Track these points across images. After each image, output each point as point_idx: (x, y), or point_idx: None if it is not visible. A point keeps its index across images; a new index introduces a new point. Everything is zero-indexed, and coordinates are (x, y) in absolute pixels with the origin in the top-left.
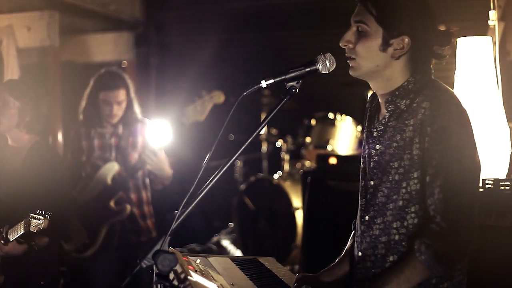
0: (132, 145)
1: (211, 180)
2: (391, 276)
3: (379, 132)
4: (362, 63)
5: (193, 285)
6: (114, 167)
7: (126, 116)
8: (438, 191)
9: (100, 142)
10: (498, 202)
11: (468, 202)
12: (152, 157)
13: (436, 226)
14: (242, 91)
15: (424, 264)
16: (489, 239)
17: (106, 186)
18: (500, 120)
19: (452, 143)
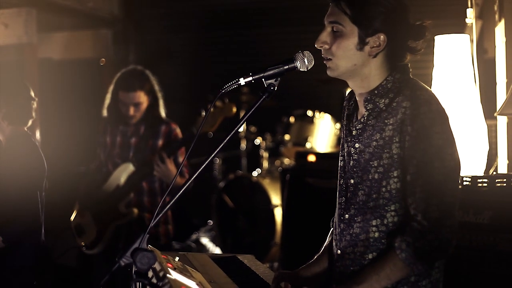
0: (152, 147)
1: (190, 178)
2: (371, 273)
3: (358, 131)
4: (339, 63)
5: (172, 283)
6: (129, 167)
7: (148, 117)
8: (420, 190)
9: (121, 140)
10: (476, 199)
11: (449, 201)
12: (159, 163)
13: (417, 225)
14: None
15: (405, 262)
16: (467, 235)
17: (119, 186)
18: (477, 118)
19: (433, 143)
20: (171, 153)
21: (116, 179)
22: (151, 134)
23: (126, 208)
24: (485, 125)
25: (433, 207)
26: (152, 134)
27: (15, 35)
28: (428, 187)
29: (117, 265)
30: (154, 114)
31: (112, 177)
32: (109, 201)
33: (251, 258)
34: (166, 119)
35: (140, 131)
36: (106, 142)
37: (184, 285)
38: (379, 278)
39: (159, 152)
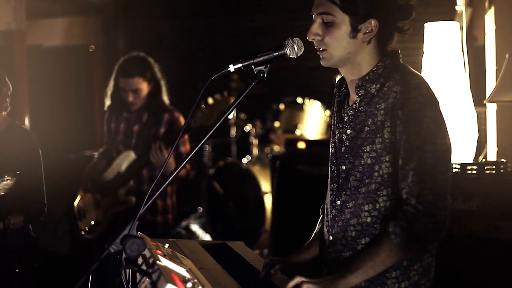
0: (154, 135)
1: (180, 165)
2: (365, 259)
3: (350, 117)
4: (333, 52)
5: (162, 269)
6: (130, 155)
7: (151, 104)
8: (412, 174)
9: (125, 127)
10: (465, 186)
11: (442, 184)
12: (157, 151)
13: (411, 208)
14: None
15: (400, 247)
16: (456, 222)
17: (119, 173)
18: (467, 105)
19: (424, 127)
20: (168, 144)
21: (118, 166)
22: (153, 122)
23: (125, 195)
24: (475, 113)
25: (427, 191)
26: (155, 122)
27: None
28: (420, 170)
29: (106, 251)
30: (157, 102)
31: (114, 164)
32: (109, 187)
33: (241, 245)
34: (169, 107)
35: (143, 118)
36: (111, 129)
37: (174, 272)
38: (374, 264)
39: (158, 142)
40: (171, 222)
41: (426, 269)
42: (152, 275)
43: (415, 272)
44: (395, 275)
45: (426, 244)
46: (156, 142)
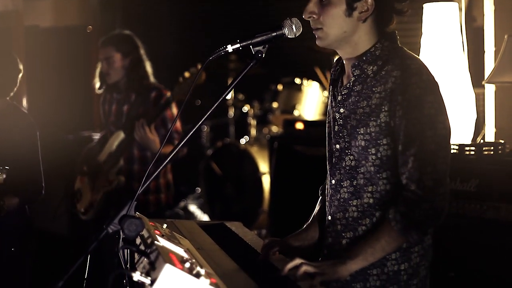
0: (143, 114)
1: (178, 145)
2: (365, 246)
3: (343, 96)
4: (329, 31)
5: (160, 249)
6: (120, 135)
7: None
8: (412, 159)
9: (116, 108)
10: (463, 167)
11: (442, 169)
12: (140, 129)
13: (411, 194)
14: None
15: (400, 232)
16: (454, 203)
17: (111, 154)
18: (465, 86)
19: (425, 112)
20: (150, 121)
21: (109, 147)
22: (141, 101)
23: (115, 175)
24: (473, 94)
25: (427, 176)
26: (142, 101)
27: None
28: (421, 156)
29: (104, 232)
30: (140, 80)
31: (106, 145)
32: (102, 168)
33: (239, 225)
34: (157, 85)
35: (131, 98)
36: (105, 110)
37: (172, 252)
38: (374, 251)
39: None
40: (164, 201)
41: (426, 250)
42: (150, 255)
43: (416, 254)
44: (395, 257)
45: (426, 229)
46: (139, 119)
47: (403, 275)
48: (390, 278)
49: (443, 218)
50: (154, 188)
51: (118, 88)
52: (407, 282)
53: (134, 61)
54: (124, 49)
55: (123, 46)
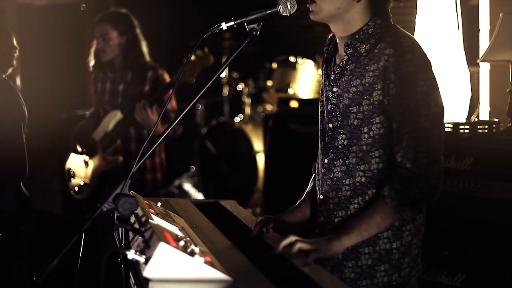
0: (139, 93)
1: (172, 123)
2: (359, 222)
3: (337, 75)
4: (323, 6)
5: (154, 228)
6: (117, 114)
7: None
8: (407, 137)
9: (110, 86)
10: (457, 145)
11: (436, 147)
12: (141, 110)
13: (406, 172)
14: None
15: (395, 210)
16: (448, 182)
17: (107, 133)
18: (460, 65)
19: (418, 90)
20: (153, 102)
21: (105, 126)
22: (137, 81)
23: (112, 155)
24: (468, 72)
25: (422, 154)
26: (139, 80)
27: None
28: (415, 134)
29: (99, 210)
30: (137, 60)
31: (101, 124)
32: (97, 148)
33: (233, 203)
34: (153, 65)
35: (127, 77)
36: (97, 89)
37: (166, 230)
38: (368, 227)
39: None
40: (160, 180)
41: (418, 229)
42: (144, 233)
43: (408, 232)
44: (387, 235)
45: (421, 206)
46: (140, 100)
47: (395, 254)
48: (382, 256)
49: (438, 196)
50: (151, 167)
51: (112, 67)
52: (398, 260)
53: (131, 40)
54: (121, 27)
55: (120, 24)
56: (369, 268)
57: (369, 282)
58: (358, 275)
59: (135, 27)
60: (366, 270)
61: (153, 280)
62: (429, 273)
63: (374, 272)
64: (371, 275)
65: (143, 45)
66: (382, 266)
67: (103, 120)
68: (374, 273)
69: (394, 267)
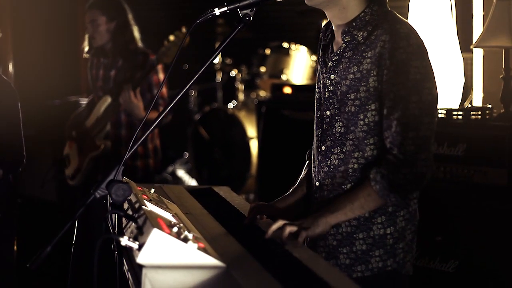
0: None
1: (165, 109)
2: (345, 201)
3: (334, 63)
4: None
5: (148, 214)
6: (107, 100)
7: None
8: (396, 123)
9: (103, 73)
10: (451, 131)
11: (425, 135)
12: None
13: (392, 158)
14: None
15: (378, 193)
16: (441, 168)
17: (98, 119)
18: (454, 50)
19: (411, 77)
20: (135, 86)
21: (97, 112)
22: (129, 66)
23: (102, 140)
24: (461, 58)
25: (409, 141)
26: (130, 66)
27: None
28: (404, 120)
29: (92, 197)
30: (129, 46)
31: (94, 110)
32: (90, 133)
33: (226, 189)
34: (144, 50)
35: (118, 63)
36: (92, 75)
37: (160, 217)
38: (353, 207)
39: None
40: (152, 166)
41: (412, 215)
42: (138, 220)
43: (402, 218)
44: (381, 221)
45: (406, 193)
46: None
47: (389, 239)
48: (376, 242)
49: (424, 184)
50: (143, 153)
51: (105, 53)
52: (393, 246)
53: (120, 25)
54: (110, 12)
55: (108, 9)
56: (364, 253)
57: (364, 268)
58: (353, 260)
59: (126, 12)
60: (361, 255)
61: (147, 266)
62: (422, 259)
63: (368, 258)
64: (366, 260)
65: (135, 30)
66: (376, 252)
67: (95, 106)
68: (368, 258)
69: (389, 252)
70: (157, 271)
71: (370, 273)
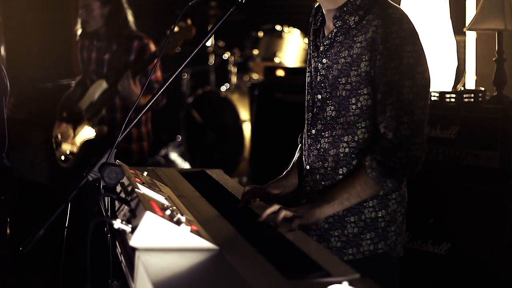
0: (125, 63)
1: (157, 92)
2: (341, 191)
3: (326, 47)
4: None
5: (140, 197)
6: (102, 84)
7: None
8: (390, 108)
9: (96, 56)
10: (443, 114)
11: (419, 119)
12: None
13: (388, 143)
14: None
15: (375, 180)
16: (434, 150)
17: (92, 103)
18: (447, 33)
19: (404, 62)
20: (136, 73)
21: (91, 96)
22: (123, 50)
23: (97, 124)
24: (454, 41)
25: (404, 125)
26: (124, 50)
27: None
28: (398, 105)
29: (85, 180)
30: (124, 30)
31: (87, 93)
32: (83, 117)
33: (219, 172)
34: (138, 34)
35: (112, 47)
36: (84, 58)
37: (152, 200)
38: (350, 196)
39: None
40: (146, 149)
41: (403, 197)
42: (130, 202)
43: (394, 201)
44: (372, 204)
45: (402, 177)
46: (125, 70)
47: (381, 222)
48: (368, 225)
49: (419, 168)
50: (137, 137)
51: (98, 36)
52: (384, 229)
53: (113, 9)
54: None
55: None
56: (355, 236)
57: (355, 251)
58: (344, 243)
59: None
60: (352, 238)
61: (140, 249)
62: (414, 242)
63: (360, 241)
64: (357, 243)
65: (128, 14)
66: (368, 235)
67: (89, 90)
68: (360, 241)
69: (380, 235)
70: (150, 253)
71: (361, 256)
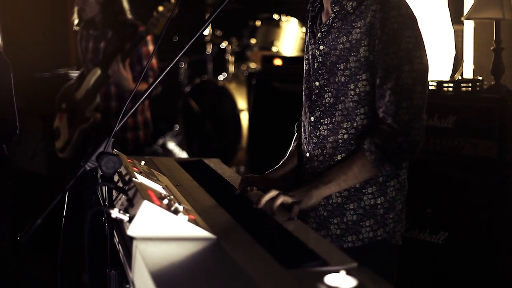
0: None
1: (154, 81)
2: (338, 173)
3: (323, 33)
4: None
5: (138, 186)
6: (97, 72)
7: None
8: (389, 93)
9: (93, 45)
10: (441, 103)
11: (418, 103)
12: (115, 65)
13: (387, 127)
14: None
15: (373, 163)
16: (432, 139)
17: (88, 91)
18: (444, 22)
19: (403, 46)
20: (124, 57)
21: (87, 84)
22: (118, 38)
23: (92, 112)
24: (452, 30)
25: (403, 110)
26: (120, 37)
27: None
28: (397, 90)
29: (82, 169)
30: (119, 17)
31: (84, 82)
32: (80, 105)
33: (217, 162)
34: (133, 21)
35: (108, 35)
36: (82, 48)
37: (150, 189)
38: (347, 178)
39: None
40: (143, 138)
41: (402, 185)
42: (128, 192)
43: (392, 188)
44: (371, 191)
45: (400, 162)
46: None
47: (380, 209)
48: (367, 212)
49: (418, 153)
50: (132, 125)
51: (94, 25)
52: (383, 216)
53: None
54: None
55: None
56: (355, 224)
57: (354, 238)
58: (343, 231)
59: None
60: (352, 226)
61: (137, 238)
62: (412, 231)
63: (359, 228)
64: (356, 231)
65: (124, 2)
66: (367, 222)
67: (85, 79)
68: (359, 228)
69: (379, 222)
70: (148, 243)
71: (360, 243)
